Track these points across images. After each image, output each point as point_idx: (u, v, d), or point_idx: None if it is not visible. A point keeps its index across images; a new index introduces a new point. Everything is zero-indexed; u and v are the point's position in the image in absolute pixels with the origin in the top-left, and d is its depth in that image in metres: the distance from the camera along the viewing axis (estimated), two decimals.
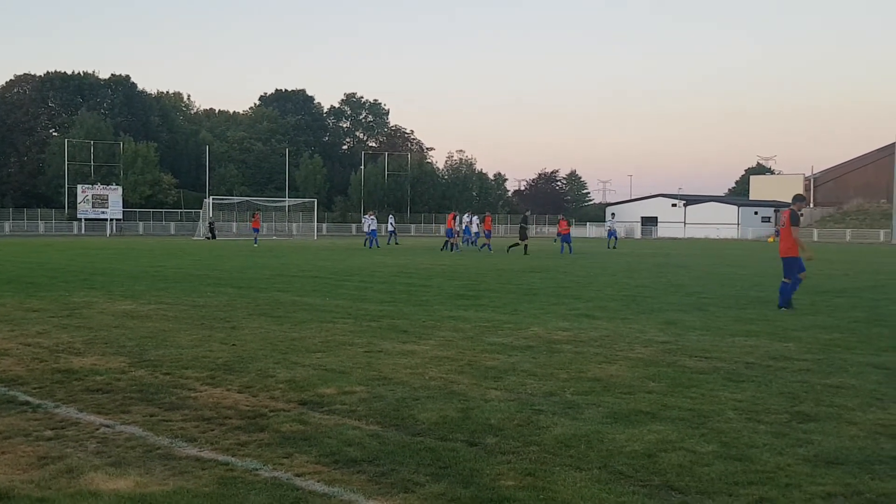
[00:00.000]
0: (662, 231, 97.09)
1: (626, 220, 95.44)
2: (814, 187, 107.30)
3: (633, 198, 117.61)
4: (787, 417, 6.48)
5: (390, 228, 51.81)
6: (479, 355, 9.25)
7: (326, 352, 9.40)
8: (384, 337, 10.60)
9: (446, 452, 5.44)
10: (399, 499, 4.61)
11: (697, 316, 13.29)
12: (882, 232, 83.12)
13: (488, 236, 42.14)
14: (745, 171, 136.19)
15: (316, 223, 76.82)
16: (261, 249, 40.56)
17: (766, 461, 5.32)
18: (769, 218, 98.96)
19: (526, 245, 37.91)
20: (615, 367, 8.62)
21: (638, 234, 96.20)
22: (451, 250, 39.31)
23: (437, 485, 4.82)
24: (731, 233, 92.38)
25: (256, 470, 5.09)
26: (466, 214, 47.82)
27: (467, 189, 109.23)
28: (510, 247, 39.25)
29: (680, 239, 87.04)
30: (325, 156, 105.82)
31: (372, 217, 46.69)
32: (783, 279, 14.52)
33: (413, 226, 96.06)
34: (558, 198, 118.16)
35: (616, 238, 51.99)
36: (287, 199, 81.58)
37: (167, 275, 21.56)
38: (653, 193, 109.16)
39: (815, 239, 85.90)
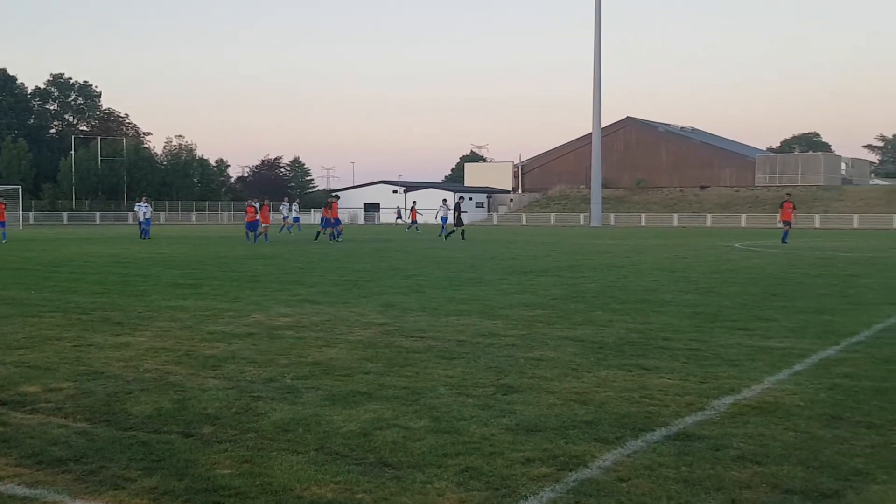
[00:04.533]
0: (385, 217, 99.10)
1: (350, 206, 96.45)
2: (521, 174, 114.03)
3: (356, 184, 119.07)
4: (493, 390, 6.91)
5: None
6: (197, 345, 9.07)
7: (30, 348, 8.83)
8: (96, 330, 10.10)
9: (160, 445, 5.32)
10: (108, 496, 4.45)
11: (415, 298, 13.77)
12: (582, 215, 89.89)
13: (337, 224, 38.75)
14: (461, 158, 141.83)
15: (21, 212, 71.22)
16: None
17: (473, 432, 5.65)
18: (482, 203, 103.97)
19: (463, 230, 40.65)
20: (335, 350, 8.77)
21: (361, 220, 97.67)
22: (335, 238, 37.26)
23: (150, 479, 4.70)
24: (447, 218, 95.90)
25: None
26: (284, 201, 44.56)
27: (188, 176, 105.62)
28: (448, 233, 41.40)
29: (402, 224, 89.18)
30: (30, 140, 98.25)
31: (145, 205, 42.98)
32: None
33: (130, 214, 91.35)
34: (282, 184, 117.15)
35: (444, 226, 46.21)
36: None
37: None
38: (375, 180, 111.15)
39: (524, 223, 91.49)
